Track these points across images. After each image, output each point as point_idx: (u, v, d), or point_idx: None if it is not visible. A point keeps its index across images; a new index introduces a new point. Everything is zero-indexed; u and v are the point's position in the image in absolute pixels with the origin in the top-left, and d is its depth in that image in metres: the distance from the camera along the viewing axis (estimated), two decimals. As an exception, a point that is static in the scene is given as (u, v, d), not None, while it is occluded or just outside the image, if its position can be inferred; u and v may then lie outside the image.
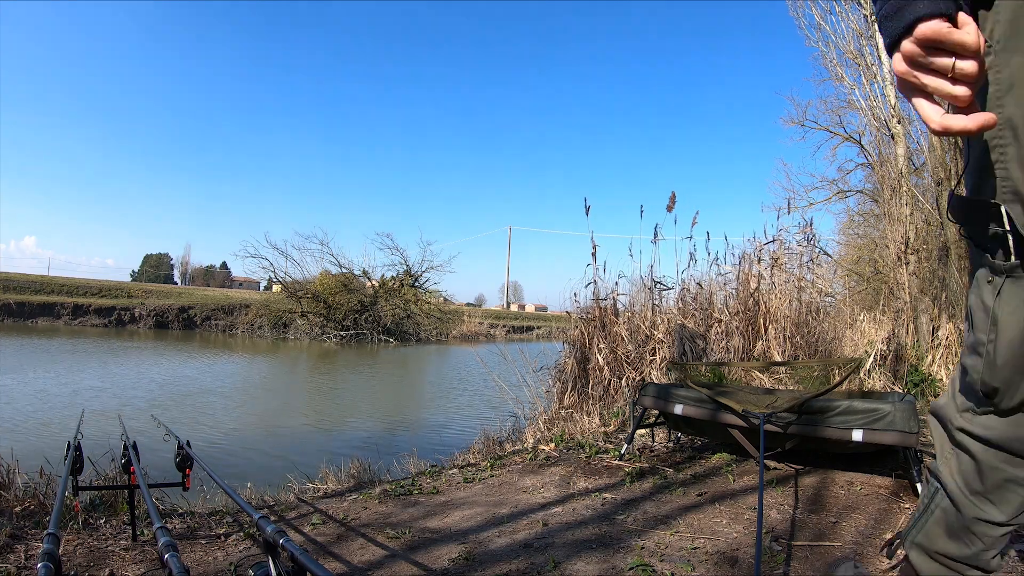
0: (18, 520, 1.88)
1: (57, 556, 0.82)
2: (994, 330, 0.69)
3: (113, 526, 1.96)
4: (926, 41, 0.58)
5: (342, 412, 7.42)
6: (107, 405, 6.57)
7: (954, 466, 0.80)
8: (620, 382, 4.00)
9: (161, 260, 67.82)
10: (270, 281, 25.65)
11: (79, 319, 23.17)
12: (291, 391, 9.79)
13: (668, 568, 1.44)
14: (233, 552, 1.76)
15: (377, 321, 22.04)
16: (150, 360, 12.32)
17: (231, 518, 2.15)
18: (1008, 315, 0.67)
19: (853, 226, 12.45)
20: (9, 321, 22.22)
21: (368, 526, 1.94)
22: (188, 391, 8.22)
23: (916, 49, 0.59)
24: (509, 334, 26.57)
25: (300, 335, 21.64)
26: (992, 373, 0.70)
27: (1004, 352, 0.68)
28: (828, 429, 2.05)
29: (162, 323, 23.46)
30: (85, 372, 9.74)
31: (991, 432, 0.74)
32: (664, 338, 4.21)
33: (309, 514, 2.13)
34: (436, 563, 1.57)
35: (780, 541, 1.57)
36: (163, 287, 33.04)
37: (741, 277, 4.58)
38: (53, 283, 25.76)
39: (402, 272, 24.25)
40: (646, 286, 4.56)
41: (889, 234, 5.22)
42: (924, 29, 0.58)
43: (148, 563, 1.64)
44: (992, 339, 0.70)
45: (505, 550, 1.62)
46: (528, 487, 2.30)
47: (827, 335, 4.58)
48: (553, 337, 5.50)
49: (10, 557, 1.62)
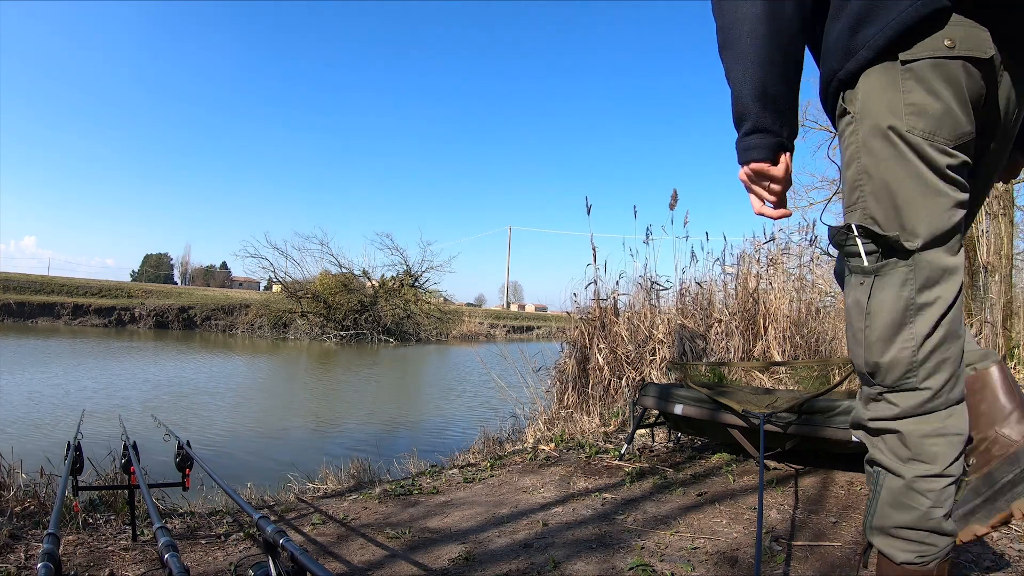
0: (18, 520, 1.88)
1: (57, 556, 0.82)
2: (868, 318, 0.89)
3: (113, 526, 1.96)
4: (755, 172, 0.95)
5: (342, 412, 7.42)
6: (107, 405, 6.57)
7: (884, 448, 0.92)
8: (620, 382, 4.00)
9: (161, 260, 67.82)
10: (270, 281, 25.66)
11: (79, 319, 23.17)
12: (291, 391, 9.79)
13: (668, 568, 1.44)
14: (233, 552, 1.76)
15: (377, 321, 22.03)
16: (150, 360, 12.32)
17: (231, 518, 2.15)
18: (879, 303, 0.88)
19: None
20: (9, 321, 22.22)
21: (368, 526, 1.94)
22: (188, 391, 8.22)
23: (750, 173, 0.95)
24: (509, 334, 26.56)
25: (300, 335, 21.63)
26: (871, 351, 0.89)
27: (877, 331, 0.88)
28: (828, 429, 2.04)
29: (162, 323, 23.46)
30: (85, 372, 9.74)
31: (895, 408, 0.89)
32: (664, 338, 4.21)
33: (309, 514, 2.14)
34: (436, 563, 1.57)
35: (780, 541, 1.57)
36: (163, 287, 33.04)
37: (741, 277, 4.58)
38: (53, 283, 25.76)
39: (402, 272, 24.25)
40: (643, 287, 4.56)
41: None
42: (755, 166, 0.94)
43: (148, 563, 1.64)
44: (868, 324, 0.89)
45: (505, 550, 1.62)
46: (528, 487, 2.30)
47: (827, 335, 4.58)
48: (553, 337, 5.50)
49: (10, 557, 1.62)
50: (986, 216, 4.13)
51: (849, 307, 0.93)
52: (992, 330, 3.96)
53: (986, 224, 4.13)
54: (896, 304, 0.87)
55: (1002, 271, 4.03)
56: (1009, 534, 1.56)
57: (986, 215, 4.12)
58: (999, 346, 3.94)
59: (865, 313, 0.90)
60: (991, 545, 1.50)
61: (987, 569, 1.36)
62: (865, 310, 0.89)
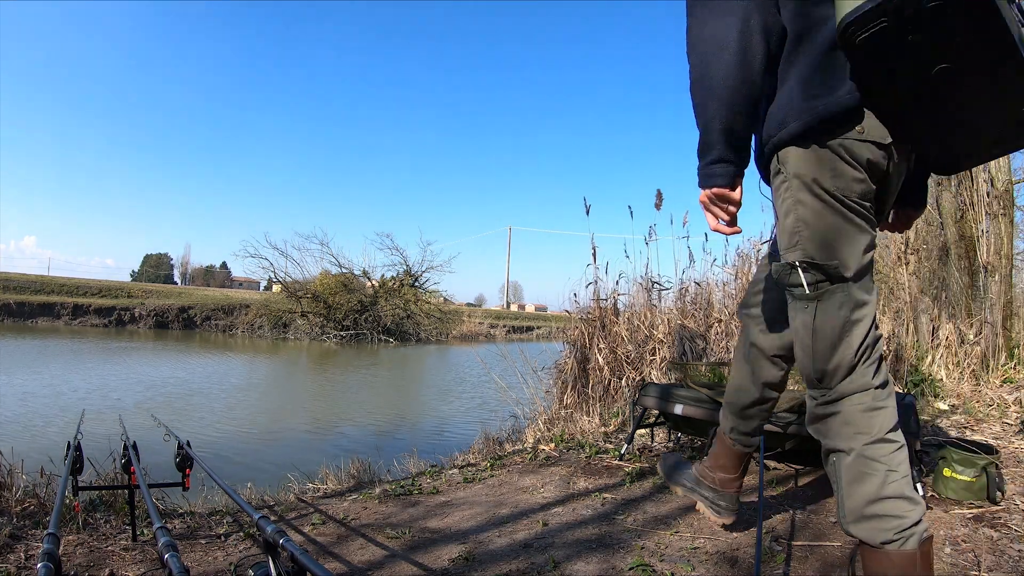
0: (18, 520, 1.88)
1: (57, 556, 0.82)
2: (815, 334, 1.10)
3: (113, 526, 1.96)
4: (716, 195, 1.13)
5: (342, 412, 7.42)
6: (107, 405, 6.57)
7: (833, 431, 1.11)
8: (620, 382, 3.99)
9: (161, 260, 67.81)
10: (270, 281, 25.63)
11: (79, 319, 23.16)
12: (291, 391, 9.79)
13: (668, 568, 1.44)
14: (233, 552, 1.76)
15: (377, 321, 22.01)
16: (150, 360, 12.32)
17: (231, 518, 2.15)
18: (822, 321, 1.09)
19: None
20: (9, 321, 22.21)
21: (368, 526, 1.94)
22: (188, 391, 8.22)
23: (712, 196, 1.13)
24: (509, 334, 26.54)
25: (300, 335, 21.62)
26: (820, 359, 1.10)
27: (823, 343, 1.09)
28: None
29: (162, 323, 23.45)
30: (85, 372, 9.74)
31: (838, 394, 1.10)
32: (664, 338, 4.20)
33: (309, 514, 2.13)
34: (436, 563, 1.57)
35: (780, 541, 1.57)
36: (163, 287, 33.03)
37: (740, 277, 4.57)
38: (53, 283, 25.75)
39: (402, 272, 24.24)
40: (643, 287, 4.56)
41: (889, 234, 5.24)
42: (717, 190, 1.12)
43: (148, 563, 1.64)
44: (815, 339, 1.10)
45: (505, 550, 1.62)
46: (528, 487, 2.30)
47: (827, 335, 4.57)
48: (553, 337, 5.49)
49: (10, 557, 1.62)
50: (986, 216, 4.11)
51: (797, 328, 1.14)
52: (992, 330, 3.96)
53: (986, 224, 4.11)
54: (836, 321, 1.08)
55: (1002, 271, 4.02)
56: (1009, 534, 1.56)
57: (986, 215, 4.11)
58: (999, 346, 3.93)
59: (812, 330, 1.10)
60: (991, 545, 1.50)
61: (987, 569, 1.36)
62: (812, 328, 1.10)
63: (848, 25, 0.94)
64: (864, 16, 0.91)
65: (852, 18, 0.93)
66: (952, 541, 1.53)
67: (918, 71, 0.94)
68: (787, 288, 1.14)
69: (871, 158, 1.05)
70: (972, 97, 0.97)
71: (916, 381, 3.74)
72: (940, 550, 1.47)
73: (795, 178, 1.08)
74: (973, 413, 3.16)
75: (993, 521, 1.66)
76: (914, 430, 1.88)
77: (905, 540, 1.01)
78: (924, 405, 3.41)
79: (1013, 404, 3.19)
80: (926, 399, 3.53)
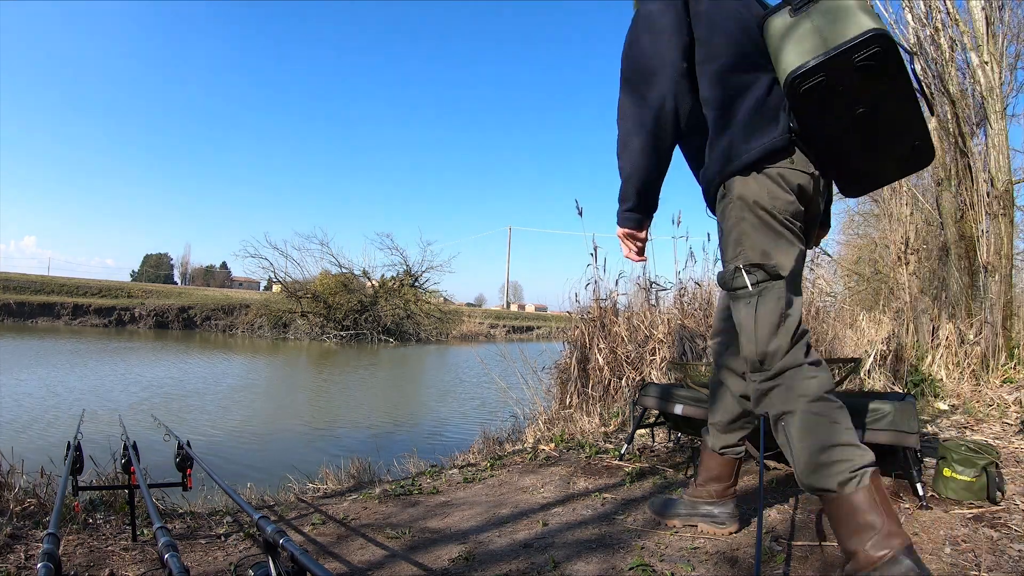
0: (18, 520, 1.88)
1: (57, 556, 0.82)
2: (756, 322, 1.28)
3: (113, 526, 1.96)
4: (627, 234, 1.46)
5: (342, 412, 7.42)
6: (107, 405, 6.58)
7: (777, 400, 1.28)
8: (620, 382, 3.99)
9: (161, 260, 67.80)
10: (270, 281, 25.63)
11: (79, 319, 23.17)
12: (291, 391, 9.79)
13: (668, 568, 1.44)
14: (233, 552, 1.76)
15: (377, 321, 22.01)
16: (150, 360, 12.32)
17: (231, 518, 2.15)
18: (763, 312, 1.28)
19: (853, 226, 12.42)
20: (9, 321, 22.21)
21: (368, 526, 1.94)
22: (188, 391, 8.22)
23: (624, 233, 1.46)
24: (509, 334, 26.53)
25: (300, 335, 21.63)
26: (761, 344, 1.28)
27: (763, 330, 1.28)
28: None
29: (162, 323, 23.46)
30: (85, 372, 9.74)
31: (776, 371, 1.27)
32: (664, 338, 4.20)
33: (309, 514, 2.13)
34: (436, 563, 1.57)
35: (780, 541, 1.57)
36: (163, 287, 33.04)
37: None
38: (53, 283, 25.75)
39: (402, 272, 24.22)
40: (642, 287, 4.55)
41: (889, 234, 5.22)
42: (627, 231, 1.45)
43: (148, 563, 1.64)
44: (756, 327, 1.28)
45: (505, 550, 1.62)
46: (528, 487, 2.30)
47: (827, 335, 4.58)
48: (553, 337, 5.49)
49: (10, 557, 1.62)
50: (986, 216, 4.11)
51: (740, 321, 1.33)
52: (992, 330, 3.95)
53: (986, 224, 4.11)
54: (775, 312, 1.27)
55: (1002, 271, 4.01)
56: (1009, 534, 1.56)
57: (986, 215, 4.11)
58: (999, 346, 3.93)
59: (755, 319, 1.28)
60: (991, 545, 1.50)
61: (987, 569, 1.36)
62: (754, 317, 1.29)
63: (795, 78, 1.19)
64: (808, 71, 1.17)
65: (799, 72, 1.18)
66: (952, 541, 1.53)
67: (844, 112, 1.22)
68: (731, 291, 1.33)
69: (801, 183, 1.29)
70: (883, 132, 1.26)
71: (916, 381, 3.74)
72: (940, 550, 1.47)
73: (739, 199, 1.30)
74: (973, 413, 3.16)
75: (993, 521, 1.66)
76: (914, 430, 1.88)
77: (860, 479, 1.17)
78: (924, 405, 3.41)
79: (1013, 404, 3.19)
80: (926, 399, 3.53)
